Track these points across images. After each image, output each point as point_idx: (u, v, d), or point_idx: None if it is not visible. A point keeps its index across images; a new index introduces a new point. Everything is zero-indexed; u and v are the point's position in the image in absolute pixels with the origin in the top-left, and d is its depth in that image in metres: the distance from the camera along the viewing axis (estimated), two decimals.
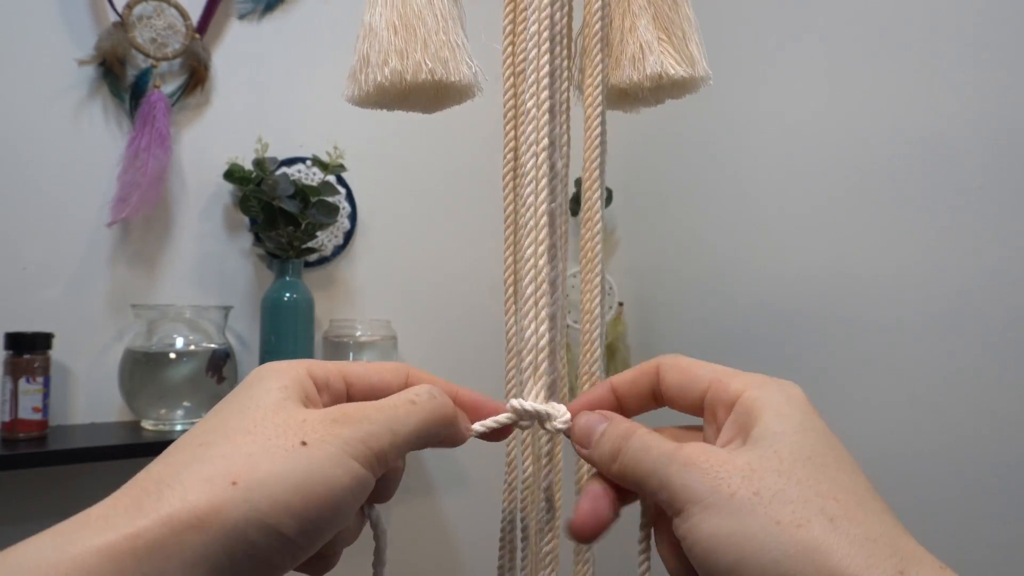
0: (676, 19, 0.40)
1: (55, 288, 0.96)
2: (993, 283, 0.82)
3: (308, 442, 0.24)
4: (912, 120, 0.90)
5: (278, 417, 0.25)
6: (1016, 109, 0.80)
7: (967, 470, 0.83)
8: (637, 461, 0.28)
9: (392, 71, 0.38)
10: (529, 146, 0.34)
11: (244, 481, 0.23)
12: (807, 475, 0.24)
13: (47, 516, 0.95)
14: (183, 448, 0.25)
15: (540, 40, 0.34)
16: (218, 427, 0.25)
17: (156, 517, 0.22)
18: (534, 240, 0.33)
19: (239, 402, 0.26)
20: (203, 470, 0.23)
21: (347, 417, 0.26)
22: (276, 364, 0.28)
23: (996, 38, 0.82)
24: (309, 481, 0.23)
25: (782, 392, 0.27)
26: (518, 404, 0.31)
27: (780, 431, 0.26)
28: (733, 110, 1.16)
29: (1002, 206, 0.81)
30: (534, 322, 0.33)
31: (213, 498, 0.22)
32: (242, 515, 0.22)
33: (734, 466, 0.25)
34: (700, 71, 0.40)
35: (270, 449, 0.24)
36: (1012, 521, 0.79)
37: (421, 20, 0.39)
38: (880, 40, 0.94)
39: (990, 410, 0.82)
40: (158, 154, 0.98)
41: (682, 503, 0.25)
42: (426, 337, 1.24)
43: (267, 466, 0.23)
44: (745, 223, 1.13)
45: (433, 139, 1.25)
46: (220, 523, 0.22)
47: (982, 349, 0.83)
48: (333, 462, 0.24)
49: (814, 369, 1.01)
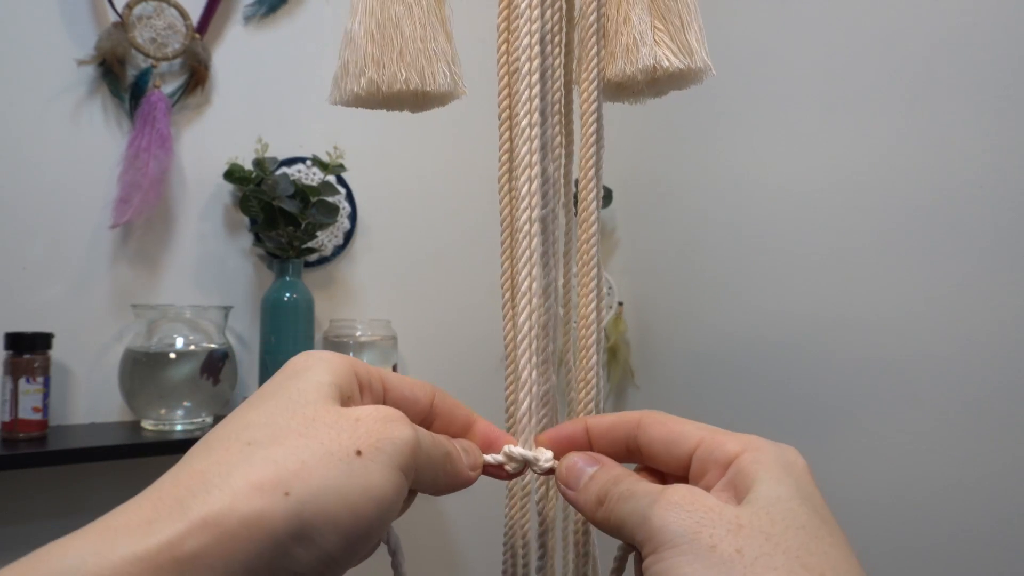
0: (674, 7, 0.38)
1: (55, 288, 0.96)
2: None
3: (363, 451, 0.23)
4: (910, 119, 0.90)
5: (330, 416, 0.24)
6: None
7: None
8: (619, 505, 0.27)
9: (368, 81, 0.38)
10: (523, 156, 0.33)
11: (297, 493, 0.22)
12: (797, 544, 0.23)
13: (47, 516, 0.95)
14: (228, 443, 0.23)
15: (532, 41, 0.33)
16: (266, 423, 0.24)
17: (201, 521, 0.20)
18: (528, 260, 0.33)
19: (287, 395, 0.25)
20: (253, 473, 0.22)
21: (395, 417, 0.25)
22: (322, 354, 0.27)
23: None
24: (362, 496, 0.23)
25: (783, 457, 0.27)
26: (509, 450, 0.31)
27: (776, 496, 0.24)
28: (733, 110, 1.16)
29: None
30: (528, 365, 0.32)
31: (264, 508, 0.21)
32: (292, 530, 0.21)
33: (721, 516, 0.24)
34: (698, 62, 0.38)
35: (324, 456, 0.23)
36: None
37: (398, 29, 0.38)
38: (880, 38, 0.94)
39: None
40: (159, 155, 0.98)
41: (657, 543, 0.24)
42: (426, 337, 1.24)
43: (321, 478, 0.22)
44: (745, 223, 1.13)
45: (433, 139, 1.25)
46: (268, 535, 0.21)
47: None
48: (383, 475, 0.23)
49: (814, 369, 1.01)
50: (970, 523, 0.82)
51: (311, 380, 0.26)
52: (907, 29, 0.91)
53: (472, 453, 0.30)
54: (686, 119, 1.24)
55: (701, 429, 0.29)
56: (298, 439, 0.23)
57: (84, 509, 0.96)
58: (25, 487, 0.93)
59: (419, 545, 1.20)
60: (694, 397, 1.21)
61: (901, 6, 0.92)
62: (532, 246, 0.33)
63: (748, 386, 1.11)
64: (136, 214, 0.97)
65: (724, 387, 1.15)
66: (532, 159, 0.33)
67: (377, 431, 0.24)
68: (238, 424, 0.24)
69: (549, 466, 0.31)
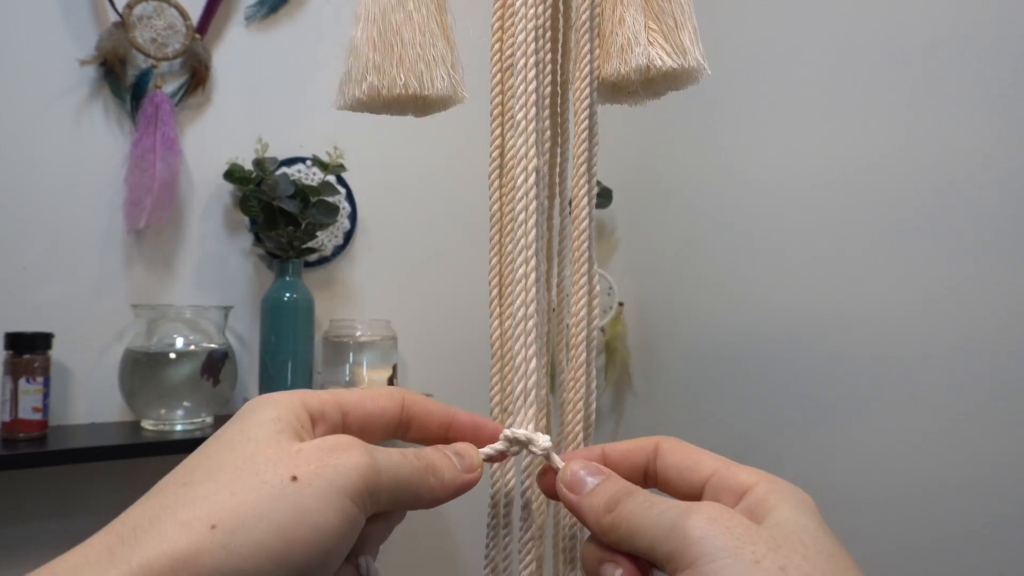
0: (668, 8, 0.39)
1: (55, 288, 0.96)
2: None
3: (299, 476, 0.23)
4: (909, 118, 0.90)
5: (269, 450, 0.24)
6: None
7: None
8: (637, 514, 0.26)
9: (369, 86, 0.40)
10: (518, 147, 0.34)
11: (224, 524, 0.21)
12: (832, 569, 0.23)
13: (47, 516, 0.95)
14: (164, 490, 0.23)
15: (528, 38, 0.34)
16: (204, 464, 0.24)
17: (127, 568, 0.20)
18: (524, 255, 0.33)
19: (229, 437, 0.25)
20: (182, 513, 0.22)
21: (342, 445, 0.25)
22: (270, 396, 0.27)
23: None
24: (295, 522, 0.22)
25: (798, 492, 0.27)
26: (508, 434, 0.32)
27: (803, 524, 0.25)
28: (733, 110, 1.16)
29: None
30: (524, 348, 0.33)
31: (190, 544, 0.21)
32: (219, 562, 0.21)
33: (759, 535, 0.24)
34: (691, 61, 0.38)
35: (257, 486, 0.22)
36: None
37: (399, 36, 0.40)
38: (878, 37, 0.94)
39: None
40: (168, 158, 0.99)
41: (695, 556, 0.24)
42: (426, 337, 1.24)
43: (250, 506, 0.22)
44: (744, 222, 1.13)
45: (433, 139, 1.25)
46: (196, 571, 0.20)
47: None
48: (323, 500, 0.23)
49: (814, 368, 1.01)
50: (970, 520, 0.82)
51: (254, 419, 0.25)
52: (907, 29, 0.91)
53: (467, 455, 0.30)
54: (686, 119, 1.24)
55: (717, 460, 0.29)
56: (233, 472, 0.23)
57: (84, 509, 0.96)
58: (25, 487, 0.93)
59: (419, 546, 1.20)
60: (694, 397, 1.21)
61: (901, 5, 0.92)
62: (528, 234, 0.33)
63: (748, 386, 1.11)
64: (152, 218, 0.98)
65: (724, 387, 1.15)
66: (529, 152, 0.33)
67: (318, 459, 0.24)
68: (178, 471, 0.24)
69: (543, 452, 0.31)
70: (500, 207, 0.38)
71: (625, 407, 1.35)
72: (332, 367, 1.08)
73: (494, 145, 0.38)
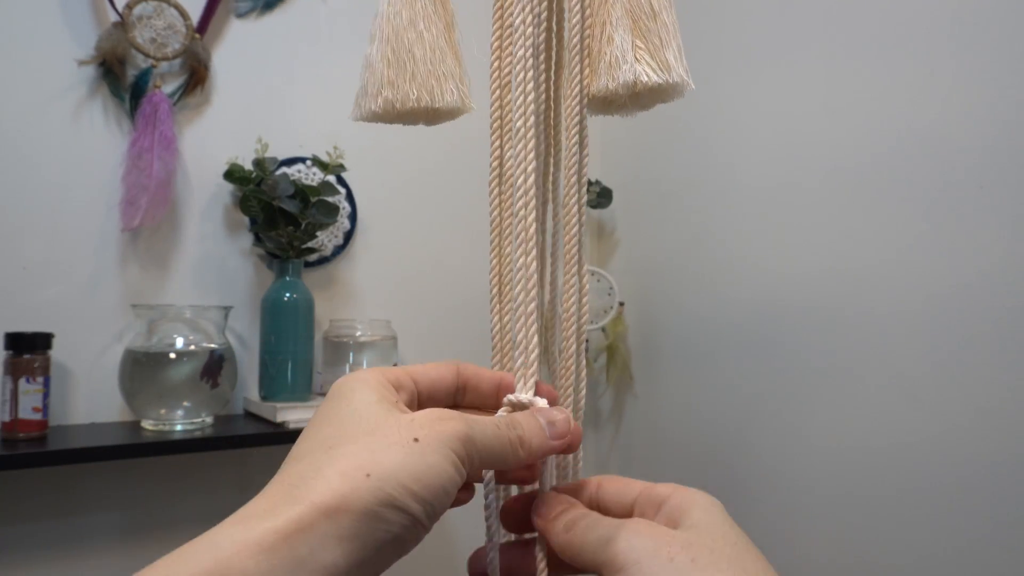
0: (654, 27, 0.42)
1: (55, 288, 0.96)
2: (991, 277, 0.82)
3: (419, 438, 0.29)
4: (907, 117, 0.90)
5: (390, 420, 0.30)
6: (1011, 105, 0.80)
7: (963, 463, 0.83)
8: (586, 530, 0.33)
9: (384, 100, 0.44)
10: (518, 152, 0.37)
11: (375, 473, 0.27)
12: (735, 556, 0.30)
13: (47, 516, 0.95)
14: (312, 452, 0.29)
15: (525, 54, 0.37)
16: (339, 434, 0.29)
17: (310, 504, 0.26)
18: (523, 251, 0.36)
19: (347, 412, 0.31)
20: (338, 465, 0.27)
21: (446, 416, 0.30)
22: (356, 377, 0.33)
23: (990, 33, 0.82)
24: (427, 471, 0.28)
25: (706, 497, 0.33)
26: (513, 398, 0.36)
27: (709, 522, 0.31)
28: (732, 110, 1.16)
29: (998, 202, 0.81)
30: (524, 328, 0.36)
31: (353, 488, 0.26)
32: (378, 499, 0.27)
33: (674, 537, 0.30)
34: (675, 77, 0.42)
35: (391, 446, 0.28)
36: (1002, 512, 0.79)
37: (411, 54, 0.44)
38: (875, 39, 0.94)
39: (989, 403, 0.82)
40: (165, 157, 0.98)
41: (622, 562, 0.30)
42: (426, 337, 1.24)
43: (392, 460, 0.28)
44: (745, 222, 1.13)
45: (433, 140, 1.25)
46: (361, 506, 0.26)
47: (986, 343, 0.83)
48: (441, 455, 0.28)
49: (814, 367, 1.01)
50: (947, 471, 0.82)
51: (360, 399, 0.31)
52: (907, 28, 0.91)
53: (558, 424, 0.34)
54: (686, 119, 1.24)
55: (642, 483, 0.35)
56: (367, 438, 0.29)
57: (84, 509, 0.96)
58: (25, 487, 0.93)
59: (419, 546, 1.19)
60: (694, 397, 1.21)
61: (902, 5, 0.92)
62: (528, 228, 0.36)
63: (749, 386, 1.11)
64: (147, 218, 0.97)
65: (724, 386, 1.15)
66: (528, 156, 0.37)
67: (430, 425, 0.29)
68: (314, 441, 0.30)
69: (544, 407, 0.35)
70: (500, 212, 0.42)
71: (626, 407, 1.35)
72: (332, 367, 1.08)
73: (494, 156, 0.42)
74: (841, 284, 0.98)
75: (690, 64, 0.43)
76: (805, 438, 1.02)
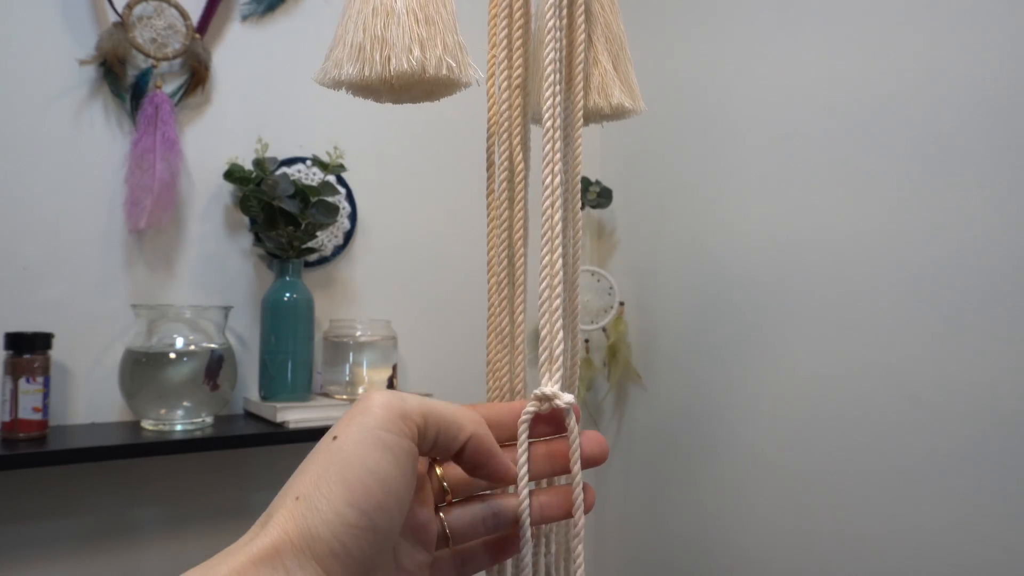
0: (623, 58, 0.47)
1: (55, 288, 0.96)
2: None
3: (338, 435, 0.28)
4: (908, 117, 0.90)
5: None
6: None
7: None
8: None
9: (417, 60, 0.39)
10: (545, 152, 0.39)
11: (302, 492, 0.27)
12: None
13: (47, 516, 0.95)
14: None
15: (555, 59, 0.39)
16: None
17: (263, 543, 0.26)
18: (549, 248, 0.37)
19: None
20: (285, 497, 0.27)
21: (368, 396, 0.29)
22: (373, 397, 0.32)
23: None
24: (348, 467, 0.27)
25: None
26: (539, 391, 0.36)
27: None
28: (733, 110, 1.16)
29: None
30: (548, 322, 0.37)
31: (287, 517, 0.26)
32: (310, 521, 0.26)
33: None
34: (640, 103, 0.49)
35: (314, 458, 0.28)
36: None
37: (440, 14, 0.40)
38: (872, 19, 0.94)
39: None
40: (168, 158, 0.98)
41: None
42: (426, 337, 1.24)
43: (315, 472, 0.27)
44: (744, 223, 1.13)
45: (433, 139, 1.25)
46: (299, 534, 0.26)
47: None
48: (361, 443, 0.27)
49: (814, 367, 1.01)
50: (948, 462, 0.83)
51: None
52: (906, 29, 0.91)
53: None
54: (686, 119, 1.24)
55: None
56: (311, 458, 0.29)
57: (84, 509, 0.96)
58: (25, 487, 0.93)
59: None
60: (694, 396, 1.21)
61: (902, 10, 0.92)
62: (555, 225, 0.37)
63: (749, 386, 1.11)
64: (152, 219, 0.98)
65: (724, 386, 1.15)
66: (555, 156, 0.38)
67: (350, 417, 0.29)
68: None
69: (567, 406, 0.36)
70: (510, 210, 0.43)
71: (627, 406, 1.35)
72: (332, 367, 1.08)
73: (503, 156, 0.42)
74: (844, 282, 0.98)
75: (690, 64, 0.46)
76: (806, 438, 1.02)
